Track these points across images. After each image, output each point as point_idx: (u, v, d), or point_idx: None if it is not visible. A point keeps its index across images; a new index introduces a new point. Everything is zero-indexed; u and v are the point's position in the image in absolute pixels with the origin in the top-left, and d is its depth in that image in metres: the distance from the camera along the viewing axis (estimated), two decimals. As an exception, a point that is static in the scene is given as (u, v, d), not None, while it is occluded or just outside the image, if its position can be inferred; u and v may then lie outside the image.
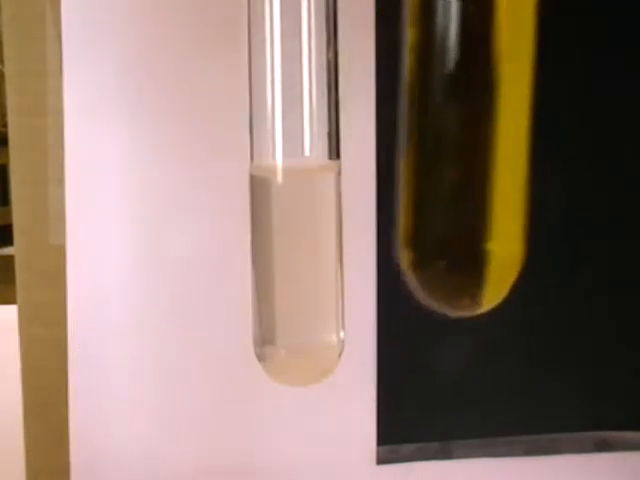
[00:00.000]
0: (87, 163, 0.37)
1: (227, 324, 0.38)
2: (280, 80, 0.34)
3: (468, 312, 0.32)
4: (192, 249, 0.38)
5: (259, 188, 0.35)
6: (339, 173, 0.35)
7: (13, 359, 0.39)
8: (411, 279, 0.31)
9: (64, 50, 0.36)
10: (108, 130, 0.37)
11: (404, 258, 0.32)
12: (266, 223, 0.35)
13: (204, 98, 0.37)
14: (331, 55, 0.34)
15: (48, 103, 0.37)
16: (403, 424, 0.40)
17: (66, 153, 0.37)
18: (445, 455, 0.40)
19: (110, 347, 0.38)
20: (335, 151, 0.35)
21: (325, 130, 0.34)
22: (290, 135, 0.34)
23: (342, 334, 0.36)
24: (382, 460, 0.40)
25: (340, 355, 0.36)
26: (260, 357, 0.36)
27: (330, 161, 0.35)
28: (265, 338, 0.36)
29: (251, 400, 0.39)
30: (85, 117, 0.37)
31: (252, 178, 0.35)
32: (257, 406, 0.39)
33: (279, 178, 0.35)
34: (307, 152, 0.34)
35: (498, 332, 0.40)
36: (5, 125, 0.37)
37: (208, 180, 0.37)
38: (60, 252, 0.37)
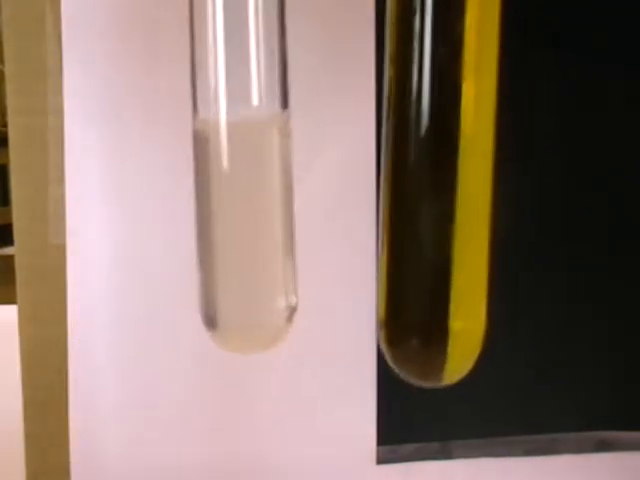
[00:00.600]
0: (87, 163, 0.37)
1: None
2: (223, 28, 0.32)
3: (432, 384, 0.34)
4: (192, 249, 0.38)
5: (201, 144, 0.34)
6: (287, 123, 0.34)
7: (13, 359, 0.39)
8: (387, 355, 0.34)
9: (64, 50, 0.36)
10: (108, 130, 0.37)
11: (381, 337, 0.34)
12: (208, 180, 0.34)
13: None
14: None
15: (48, 103, 0.37)
16: (403, 424, 0.40)
17: (66, 153, 0.37)
18: (445, 455, 0.40)
19: (110, 347, 0.38)
20: (284, 100, 0.34)
21: (274, 79, 0.33)
22: (236, 84, 0.33)
23: (293, 298, 0.35)
24: (382, 460, 0.40)
25: (291, 320, 0.35)
26: (207, 325, 0.35)
27: (279, 112, 0.34)
28: (210, 306, 0.34)
29: (251, 400, 0.39)
30: (85, 117, 0.37)
31: (195, 133, 0.34)
32: (257, 406, 0.39)
33: (222, 133, 0.33)
34: (255, 101, 0.33)
35: (498, 332, 0.40)
36: (5, 125, 0.37)
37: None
38: (60, 252, 0.37)
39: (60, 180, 0.37)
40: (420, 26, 0.32)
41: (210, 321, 0.34)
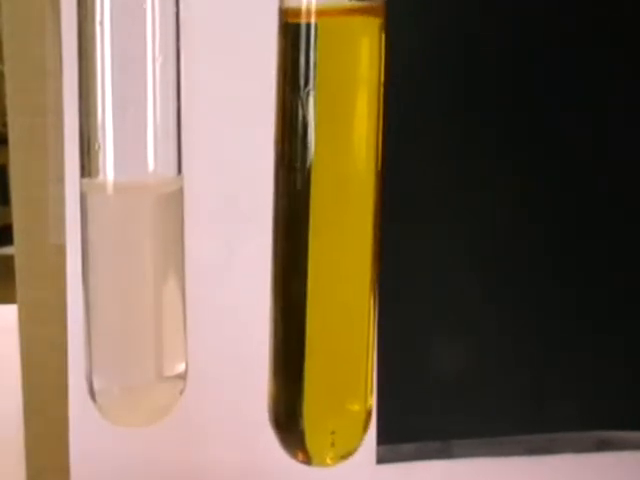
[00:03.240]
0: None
1: (226, 322, 0.38)
2: (111, 93, 0.33)
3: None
4: (190, 250, 0.38)
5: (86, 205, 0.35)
6: (180, 190, 0.34)
7: (13, 359, 0.39)
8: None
9: (64, 50, 0.36)
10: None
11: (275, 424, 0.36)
12: (87, 242, 0.34)
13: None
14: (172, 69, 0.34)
15: (48, 103, 0.37)
16: (403, 424, 0.40)
17: (66, 153, 0.37)
18: (445, 455, 0.40)
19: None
20: (177, 166, 0.34)
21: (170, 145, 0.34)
22: (130, 150, 0.34)
23: (182, 367, 0.35)
24: (382, 460, 0.40)
25: (181, 392, 0.35)
26: (93, 395, 0.34)
27: (172, 177, 0.34)
28: (89, 375, 0.34)
29: (251, 400, 0.39)
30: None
31: (82, 195, 0.34)
32: (257, 406, 0.39)
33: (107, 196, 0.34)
34: (150, 167, 0.34)
35: (498, 332, 0.40)
36: (5, 125, 0.37)
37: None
38: (60, 252, 0.37)
39: (60, 180, 0.37)
40: None
41: (91, 392, 0.34)
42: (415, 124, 0.39)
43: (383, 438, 0.40)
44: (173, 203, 0.35)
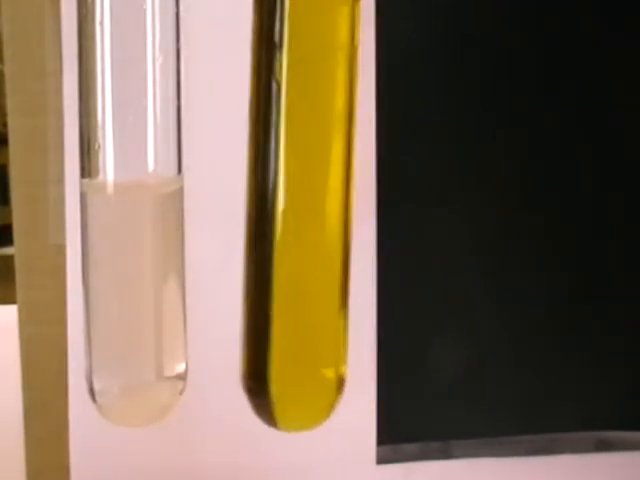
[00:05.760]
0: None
1: (226, 322, 0.38)
2: (111, 93, 0.33)
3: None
4: (190, 250, 0.38)
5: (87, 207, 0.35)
6: (180, 190, 0.34)
7: (13, 359, 0.39)
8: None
9: (64, 50, 0.36)
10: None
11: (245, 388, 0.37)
12: (87, 241, 0.34)
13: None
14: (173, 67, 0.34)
15: (48, 103, 0.37)
16: (403, 424, 0.40)
17: (66, 153, 0.37)
18: (445, 455, 0.40)
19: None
20: (177, 166, 0.34)
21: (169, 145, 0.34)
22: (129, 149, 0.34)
23: (182, 367, 0.35)
24: (382, 460, 0.40)
25: (181, 392, 0.35)
26: (93, 395, 0.34)
27: (171, 177, 0.34)
28: (89, 376, 0.34)
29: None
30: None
31: (82, 195, 0.35)
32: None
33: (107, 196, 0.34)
34: (150, 167, 0.34)
35: (498, 332, 0.40)
36: (5, 125, 0.37)
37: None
38: (60, 252, 0.37)
39: (60, 180, 0.37)
40: None
41: (90, 392, 0.34)
42: (414, 121, 0.39)
43: (383, 438, 0.40)
44: (173, 203, 0.35)
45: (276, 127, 0.34)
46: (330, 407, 0.37)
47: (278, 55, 0.33)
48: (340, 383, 0.37)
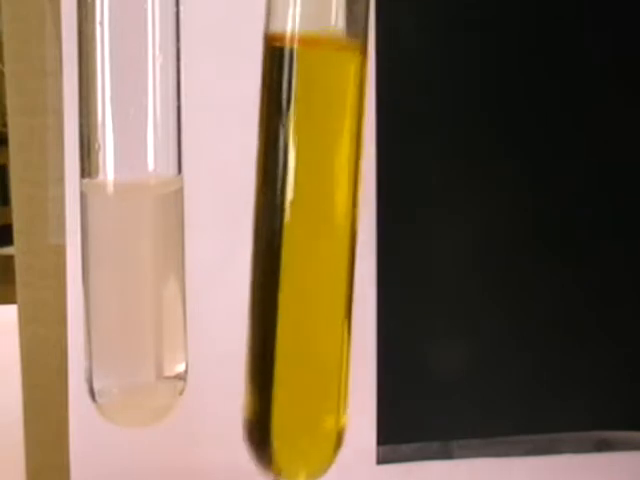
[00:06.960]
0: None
1: (226, 322, 0.38)
2: (110, 94, 0.33)
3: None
4: (190, 250, 0.38)
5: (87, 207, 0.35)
6: (180, 190, 0.34)
7: (13, 359, 0.39)
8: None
9: (64, 50, 0.36)
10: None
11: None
12: (87, 241, 0.34)
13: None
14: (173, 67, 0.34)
15: (48, 103, 0.37)
16: (403, 424, 0.40)
17: (66, 153, 0.37)
18: (445, 455, 0.40)
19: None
20: (177, 166, 0.34)
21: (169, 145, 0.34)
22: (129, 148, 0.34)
23: (182, 367, 0.35)
24: (382, 460, 0.40)
25: (181, 392, 0.35)
26: (93, 395, 0.35)
27: (170, 178, 0.34)
28: (89, 376, 0.34)
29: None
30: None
31: (81, 195, 0.35)
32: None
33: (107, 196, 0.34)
34: (150, 167, 0.34)
35: (498, 332, 0.40)
36: (5, 125, 0.37)
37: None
38: (60, 252, 0.37)
39: (60, 180, 0.37)
40: None
41: (90, 392, 0.35)
42: (414, 121, 0.39)
43: (383, 438, 0.40)
44: (173, 203, 0.35)
45: (286, 120, 0.34)
46: (331, 460, 0.37)
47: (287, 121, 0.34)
48: (340, 436, 0.37)
